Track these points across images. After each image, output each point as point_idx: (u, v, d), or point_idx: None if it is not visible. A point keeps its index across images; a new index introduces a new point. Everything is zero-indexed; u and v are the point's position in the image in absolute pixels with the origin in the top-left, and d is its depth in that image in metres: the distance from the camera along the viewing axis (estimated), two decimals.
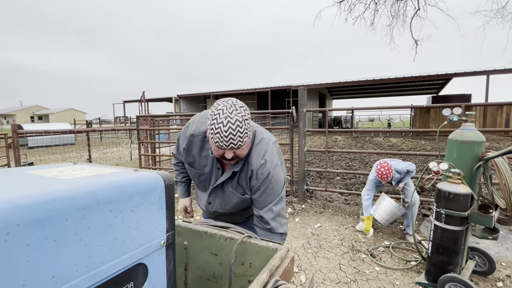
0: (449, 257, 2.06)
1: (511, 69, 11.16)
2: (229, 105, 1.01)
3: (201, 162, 1.24)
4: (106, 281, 0.51)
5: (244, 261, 0.98)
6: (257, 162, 1.15)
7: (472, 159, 2.06)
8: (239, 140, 1.01)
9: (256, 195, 1.18)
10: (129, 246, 0.56)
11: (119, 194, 0.54)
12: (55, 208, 0.43)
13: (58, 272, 0.43)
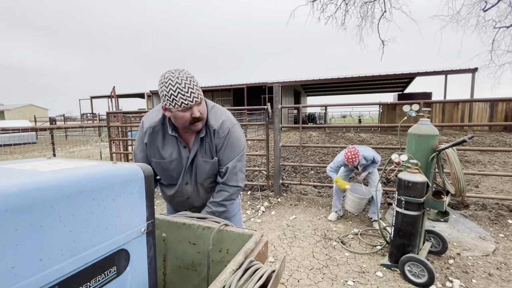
0: (408, 239, 2.28)
1: (466, 70, 12.24)
2: (173, 70, 1.11)
3: (167, 149, 1.28)
4: (90, 265, 0.54)
5: (222, 248, 1.04)
6: (216, 123, 1.26)
7: (428, 150, 2.29)
8: (198, 92, 1.12)
9: (220, 153, 1.27)
10: (111, 233, 0.59)
11: (101, 184, 0.57)
12: (41, 196, 0.45)
13: (45, 255, 0.46)
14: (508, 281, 2.21)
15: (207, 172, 1.31)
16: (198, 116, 1.14)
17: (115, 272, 0.61)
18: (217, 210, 1.32)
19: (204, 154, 1.28)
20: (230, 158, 1.29)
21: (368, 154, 3.19)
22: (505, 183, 4.89)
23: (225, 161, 1.29)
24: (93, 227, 0.55)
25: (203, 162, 1.29)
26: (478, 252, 2.63)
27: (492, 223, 3.19)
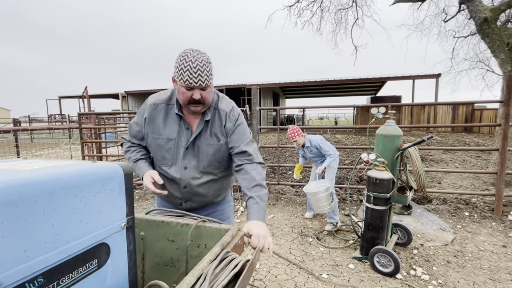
0: (377, 232, 2.45)
1: (431, 75, 13.17)
2: (194, 49, 1.15)
3: (167, 129, 1.27)
4: (72, 257, 0.57)
5: (200, 243, 1.08)
6: (227, 107, 1.31)
7: (393, 150, 2.48)
8: (206, 77, 1.13)
9: (233, 136, 1.29)
10: (92, 227, 0.62)
11: (82, 181, 0.60)
12: (26, 191, 0.48)
13: (29, 247, 0.49)
14: (463, 266, 2.45)
15: (210, 157, 1.29)
16: (197, 98, 1.16)
17: (96, 265, 0.64)
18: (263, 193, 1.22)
19: (209, 137, 1.28)
20: (245, 137, 1.31)
21: (314, 139, 3.23)
22: (464, 179, 5.35)
23: (240, 140, 1.29)
24: (75, 222, 0.58)
25: (207, 145, 1.27)
26: (438, 242, 2.88)
27: (451, 216, 3.49)
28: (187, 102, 1.18)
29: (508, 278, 2.27)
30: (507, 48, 4.52)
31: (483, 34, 5.02)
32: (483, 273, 2.34)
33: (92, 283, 0.63)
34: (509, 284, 2.20)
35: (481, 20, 4.92)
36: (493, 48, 4.92)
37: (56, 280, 0.54)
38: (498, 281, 2.24)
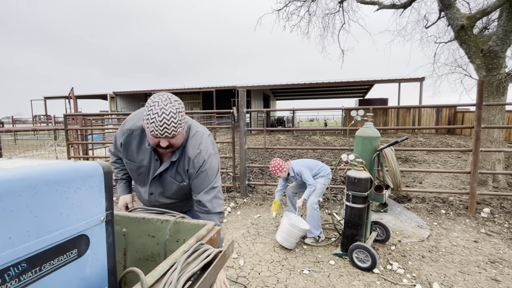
0: (356, 229, 2.56)
1: (415, 79, 13.60)
2: (164, 98, 1.16)
3: (140, 155, 1.35)
4: (54, 246, 0.63)
5: (179, 238, 1.15)
6: (193, 152, 1.31)
7: (371, 150, 2.60)
8: (173, 129, 1.15)
9: (194, 181, 1.34)
10: (73, 220, 0.69)
11: (63, 177, 0.67)
12: (11, 186, 0.55)
13: (14, 235, 0.55)
14: (436, 261, 2.59)
15: (173, 191, 1.39)
16: (164, 146, 1.20)
17: (76, 254, 0.70)
18: None
19: (174, 175, 1.35)
20: (204, 186, 1.33)
21: (296, 167, 3.05)
22: (443, 179, 5.57)
23: (198, 188, 1.34)
24: (56, 214, 0.64)
25: (171, 182, 1.36)
26: (415, 239, 3.02)
27: (429, 214, 3.66)
28: (155, 146, 1.24)
29: (476, 271, 2.42)
30: (481, 54, 4.77)
31: (461, 40, 5.27)
32: (454, 267, 2.49)
33: (72, 270, 0.69)
34: (477, 276, 2.35)
35: (458, 28, 5.16)
36: (470, 54, 5.18)
37: (39, 266, 0.60)
38: (467, 273, 2.39)
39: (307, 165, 3.07)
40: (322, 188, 3.03)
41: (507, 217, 3.44)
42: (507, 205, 3.70)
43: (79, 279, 0.72)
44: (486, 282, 2.26)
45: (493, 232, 3.14)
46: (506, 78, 4.73)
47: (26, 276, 0.58)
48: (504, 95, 4.84)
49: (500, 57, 4.62)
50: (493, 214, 3.53)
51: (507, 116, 11.07)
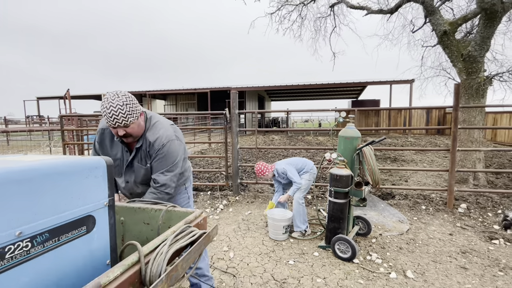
0: (338, 223, 2.75)
1: (405, 81, 13.94)
2: (112, 94, 1.37)
3: (113, 150, 1.56)
4: (68, 222, 0.80)
5: (170, 224, 1.31)
6: (153, 137, 1.52)
7: (352, 149, 2.80)
8: (122, 119, 1.35)
9: (154, 163, 1.54)
10: (82, 202, 0.85)
11: (74, 168, 0.83)
12: (35, 174, 0.71)
13: (39, 210, 0.71)
14: (412, 252, 2.79)
15: (142, 176, 1.58)
16: (121, 134, 1.41)
17: (85, 230, 0.86)
18: None
19: (140, 161, 1.55)
20: (161, 167, 1.54)
21: (279, 167, 3.19)
22: (428, 178, 5.82)
23: (156, 169, 1.54)
24: (68, 197, 0.80)
25: (139, 167, 1.56)
26: (395, 232, 3.23)
27: (410, 209, 3.88)
28: (117, 136, 1.45)
29: (448, 260, 2.63)
30: (461, 59, 5.02)
31: (444, 45, 5.53)
32: (428, 256, 2.69)
33: (82, 244, 0.85)
34: (448, 264, 2.56)
35: (441, 33, 5.42)
36: (452, 58, 5.44)
37: (57, 237, 0.76)
38: (439, 262, 2.59)
39: (291, 163, 3.24)
40: (307, 184, 3.19)
41: (481, 212, 3.68)
42: (482, 201, 3.93)
43: (87, 251, 0.88)
44: (455, 270, 2.47)
45: (467, 226, 3.36)
46: (485, 82, 4.99)
47: (48, 244, 0.74)
48: (483, 97, 5.10)
49: (479, 62, 4.88)
50: (469, 209, 3.76)
51: (492, 117, 11.45)
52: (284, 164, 3.24)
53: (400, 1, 6.21)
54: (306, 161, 3.31)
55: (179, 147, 1.59)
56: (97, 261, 0.92)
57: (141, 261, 0.81)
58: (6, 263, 0.64)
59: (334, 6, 8.02)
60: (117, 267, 0.75)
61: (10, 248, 0.65)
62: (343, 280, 2.31)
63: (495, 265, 2.53)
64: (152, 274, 0.80)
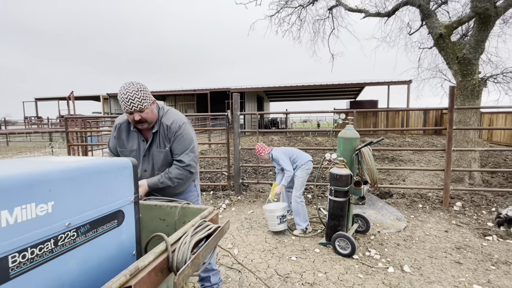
0: (338, 221, 2.87)
1: (403, 81, 14.11)
2: (127, 83, 1.53)
3: (130, 142, 1.69)
4: (104, 215, 0.90)
5: (185, 220, 1.42)
6: (169, 121, 1.67)
7: (351, 150, 2.91)
8: (138, 103, 1.50)
9: (174, 144, 1.67)
10: (115, 198, 0.95)
11: (109, 168, 0.93)
12: (78, 173, 0.81)
13: (83, 204, 0.82)
14: (409, 248, 2.91)
15: (162, 161, 1.69)
16: (137, 119, 1.55)
17: (116, 223, 0.97)
18: (165, 181, 1.63)
19: (158, 145, 1.67)
20: (183, 148, 1.67)
21: (275, 153, 3.36)
22: (425, 177, 5.95)
23: (179, 149, 1.67)
24: (104, 193, 0.91)
25: (157, 152, 1.68)
26: (393, 230, 3.35)
27: (407, 208, 4.00)
28: (133, 123, 1.58)
29: (443, 256, 2.75)
30: (456, 61, 5.16)
31: (439, 48, 5.67)
32: (424, 252, 2.81)
33: (113, 235, 0.96)
34: (443, 259, 2.68)
35: (437, 36, 5.56)
36: (448, 61, 5.57)
37: (95, 228, 0.87)
38: (434, 257, 2.71)
39: (286, 153, 3.40)
40: (302, 180, 3.27)
41: (476, 210, 3.81)
42: (477, 199, 4.07)
43: (118, 242, 0.98)
44: (450, 264, 2.59)
45: (462, 223, 3.49)
46: (479, 83, 5.13)
47: (89, 234, 0.85)
48: (478, 99, 5.23)
49: (474, 64, 5.02)
50: (464, 207, 3.89)
51: (489, 117, 11.63)
52: (279, 151, 3.40)
53: (397, 5, 6.35)
54: (301, 154, 3.41)
55: (192, 130, 1.75)
56: (126, 251, 1.02)
57: (168, 250, 0.92)
58: (59, 249, 0.75)
59: (333, 8, 8.16)
60: (150, 253, 0.86)
61: (61, 236, 0.76)
62: (344, 275, 2.42)
63: (488, 260, 2.65)
64: (178, 261, 0.90)
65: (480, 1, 4.42)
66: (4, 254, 0.62)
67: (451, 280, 2.35)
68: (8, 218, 0.62)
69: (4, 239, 0.61)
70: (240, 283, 2.32)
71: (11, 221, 0.63)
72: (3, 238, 0.61)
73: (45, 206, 0.71)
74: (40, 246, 0.70)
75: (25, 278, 0.66)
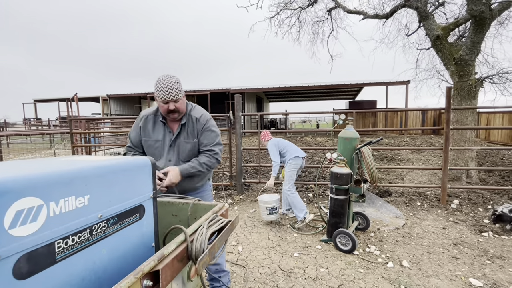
0: (339, 218, 2.96)
1: (401, 82, 14.24)
2: (164, 75, 1.65)
3: (155, 132, 1.77)
4: (128, 209, 0.99)
5: (197, 216, 1.51)
6: (198, 114, 1.79)
7: (351, 149, 3.01)
8: (176, 92, 1.62)
9: (203, 136, 1.77)
10: (137, 193, 1.04)
11: (131, 166, 1.02)
12: (106, 170, 0.90)
13: (112, 198, 0.90)
14: (408, 244, 3.01)
15: (188, 152, 1.77)
16: (172, 109, 1.65)
17: (138, 217, 1.05)
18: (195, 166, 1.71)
19: (186, 137, 1.77)
20: (213, 140, 1.79)
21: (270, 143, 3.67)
22: (424, 176, 6.06)
23: (209, 140, 1.78)
24: (127, 189, 1.00)
25: (185, 142, 1.77)
26: (392, 227, 3.44)
27: (406, 206, 4.10)
28: (166, 112, 1.68)
29: (440, 251, 2.85)
30: (453, 63, 5.27)
31: (437, 49, 5.78)
32: (422, 248, 2.91)
33: (136, 228, 1.05)
34: (440, 255, 2.77)
35: (434, 37, 5.66)
36: (445, 62, 5.68)
37: (121, 221, 0.96)
38: (432, 253, 2.81)
39: (277, 145, 3.63)
40: (289, 175, 3.52)
41: (472, 208, 3.91)
42: (474, 197, 4.17)
43: (139, 234, 1.07)
44: (447, 259, 2.68)
45: (459, 220, 3.58)
46: (476, 84, 5.24)
47: (116, 225, 0.94)
48: (475, 99, 5.34)
49: (470, 65, 5.13)
50: (461, 205, 3.99)
51: (486, 117, 11.76)
52: (272, 143, 3.65)
53: (395, 7, 6.46)
54: (291, 149, 3.63)
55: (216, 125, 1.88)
56: (146, 243, 1.11)
57: (187, 240, 1.00)
58: (93, 238, 0.84)
59: (332, 10, 8.27)
60: (172, 243, 0.95)
61: (95, 227, 0.84)
62: (345, 270, 2.51)
63: (483, 255, 2.75)
64: (196, 250, 0.99)
65: (476, 4, 4.53)
66: (52, 240, 0.70)
67: (448, 274, 2.44)
68: (54, 208, 0.71)
69: (52, 227, 0.70)
70: (245, 278, 2.40)
71: (57, 211, 0.72)
72: (51, 226, 0.70)
73: (82, 199, 0.79)
74: (79, 235, 0.78)
75: (68, 262, 0.75)
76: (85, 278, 0.82)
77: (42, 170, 0.72)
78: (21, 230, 0.63)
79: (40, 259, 0.68)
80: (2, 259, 0.59)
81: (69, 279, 0.76)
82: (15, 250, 0.62)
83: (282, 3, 8.30)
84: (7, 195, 0.60)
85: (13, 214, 0.62)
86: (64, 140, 8.72)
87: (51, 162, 0.88)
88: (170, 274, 0.87)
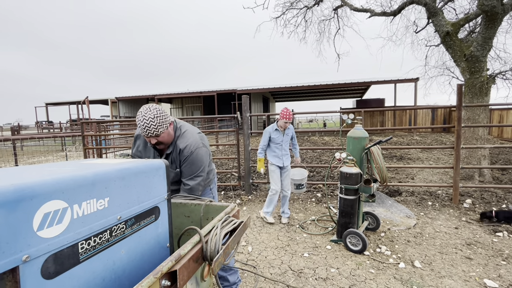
0: (349, 218, 2.94)
1: (410, 79, 14.02)
2: (145, 108, 1.60)
3: (146, 152, 1.82)
4: (144, 211, 1.02)
5: (208, 217, 1.53)
6: (182, 144, 1.74)
7: (361, 149, 2.99)
8: (154, 130, 1.58)
9: (183, 168, 1.77)
10: (153, 195, 1.07)
11: (148, 168, 1.05)
12: (126, 172, 0.93)
13: (130, 200, 0.93)
14: (420, 244, 2.97)
15: (171, 179, 1.79)
16: (153, 143, 1.64)
17: (154, 218, 1.08)
18: None
19: (170, 165, 1.78)
20: (190, 172, 1.76)
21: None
22: (434, 175, 5.96)
23: (186, 173, 1.76)
24: (144, 191, 1.02)
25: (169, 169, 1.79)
26: (403, 227, 3.40)
27: (417, 205, 4.04)
28: (150, 143, 1.68)
29: (453, 252, 2.80)
30: (464, 59, 5.17)
31: (446, 45, 5.67)
32: (434, 248, 2.87)
33: (152, 229, 1.07)
34: (453, 255, 2.73)
35: (444, 34, 5.56)
36: (455, 58, 5.58)
37: (138, 222, 0.99)
38: (445, 253, 2.76)
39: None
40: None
41: (486, 207, 3.82)
42: (487, 196, 4.08)
43: (155, 235, 1.10)
44: (460, 260, 2.64)
45: (472, 220, 3.52)
46: (488, 80, 5.12)
47: (134, 227, 0.96)
48: (487, 96, 5.23)
49: (482, 61, 5.02)
50: (474, 204, 3.91)
51: (499, 113, 11.47)
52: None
53: (403, 3, 6.37)
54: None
55: (205, 154, 1.81)
56: (161, 243, 1.14)
57: (202, 240, 1.02)
58: (113, 239, 0.87)
59: (338, 9, 8.21)
60: (187, 243, 0.97)
61: (114, 228, 0.87)
62: (355, 270, 2.50)
63: (498, 256, 2.69)
64: (211, 250, 1.01)
65: None
66: (76, 241, 0.73)
67: (462, 274, 2.40)
68: (78, 211, 0.74)
69: (75, 229, 0.73)
70: (255, 278, 2.42)
71: (80, 214, 0.75)
72: (75, 228, 0.73)
73: (103, 201, 0.82)
74: (100, 236, 0.81)
75: (91, 262, 0.78)
76: (105, 278, 0.84)
77: (66, 174, 0.75)
78: (48, 232, 0.66)
79: (65, 260, 0.71)
80: (31, 259, 0.62)
81: (91, 278, 0.79)
82: (43, 251, 0.65)
83: (288, 2, 8.29)
84: (35, 198, 0.63)
85: (41, 217, 0.65)
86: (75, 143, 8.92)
87: (71, 166, 0.92)
88: (187, 274, 0.89)
